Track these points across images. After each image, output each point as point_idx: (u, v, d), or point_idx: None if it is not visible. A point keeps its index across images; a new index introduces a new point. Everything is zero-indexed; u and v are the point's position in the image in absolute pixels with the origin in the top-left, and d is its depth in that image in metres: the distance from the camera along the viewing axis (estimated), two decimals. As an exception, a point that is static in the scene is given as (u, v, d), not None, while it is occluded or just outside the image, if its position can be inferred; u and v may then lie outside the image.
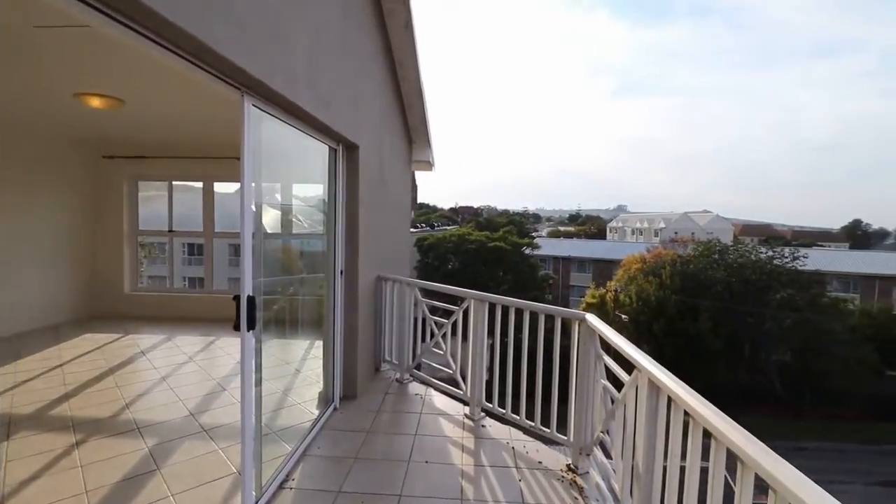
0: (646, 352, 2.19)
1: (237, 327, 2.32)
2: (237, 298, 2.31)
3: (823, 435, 23.38)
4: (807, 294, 26.04)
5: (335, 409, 3.99)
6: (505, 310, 3.69)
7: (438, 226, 46.61)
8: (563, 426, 3.22)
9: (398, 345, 4.68)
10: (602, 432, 2.77)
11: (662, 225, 73.35)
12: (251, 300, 2.32)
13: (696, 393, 1.71)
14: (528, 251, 31.08)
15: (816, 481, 1.09)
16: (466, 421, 3.82)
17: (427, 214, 76.77)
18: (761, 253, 28.52)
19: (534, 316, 3.48)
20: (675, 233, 66.38)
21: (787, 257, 27.76)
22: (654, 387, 1.99)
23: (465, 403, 3.98)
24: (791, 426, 24.24)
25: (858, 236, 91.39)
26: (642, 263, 30.76)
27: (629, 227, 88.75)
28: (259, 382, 2.64)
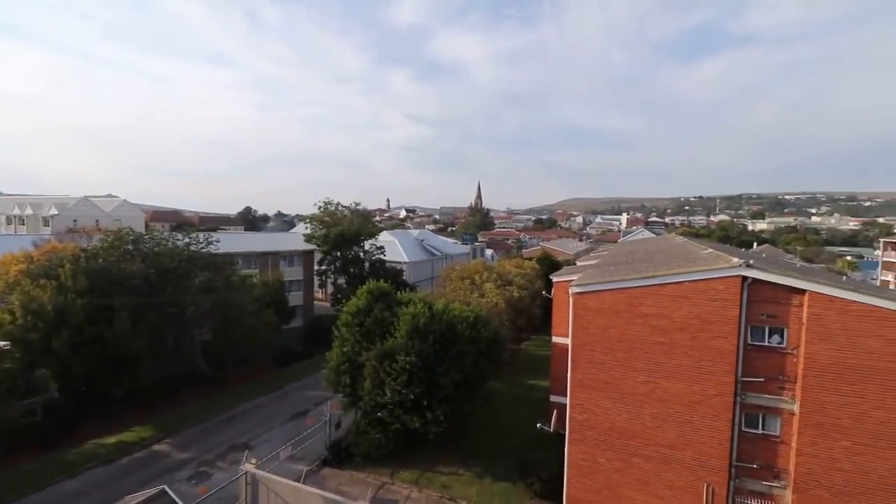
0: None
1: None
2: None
3: (246, 397, 26.49)
4: (222, 275, 28.28)
5: None
6: None
7: None
8: None
9: None
10: None
11: (55, 212, 59.39)
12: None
13: None
14: None
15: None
16: None
17: None
18: (178, 240, 28.31)
19: None
20: (75, 221, 55.77)
21: (202, 242, 29.02)
22: None
23: None
24: (220, 399, 25.88)
25: (250, 220, 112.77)
26: (28, 263, 23.05)
27: (3, 215, 66.37)
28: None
